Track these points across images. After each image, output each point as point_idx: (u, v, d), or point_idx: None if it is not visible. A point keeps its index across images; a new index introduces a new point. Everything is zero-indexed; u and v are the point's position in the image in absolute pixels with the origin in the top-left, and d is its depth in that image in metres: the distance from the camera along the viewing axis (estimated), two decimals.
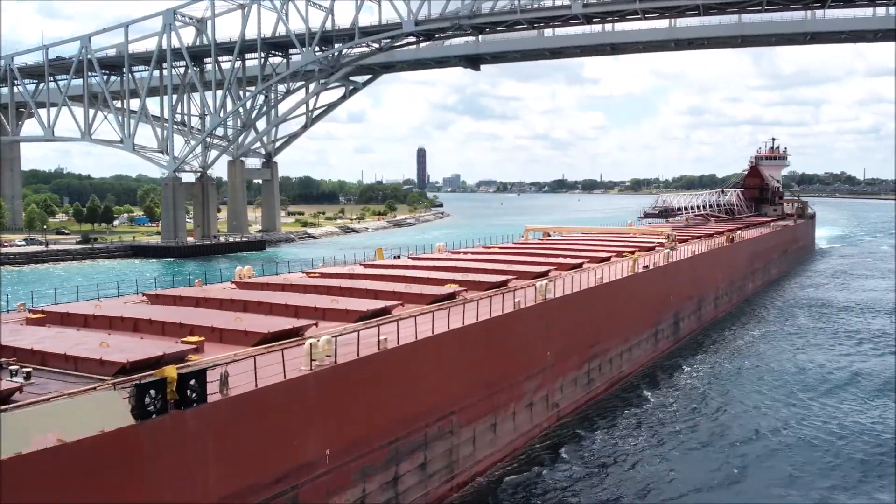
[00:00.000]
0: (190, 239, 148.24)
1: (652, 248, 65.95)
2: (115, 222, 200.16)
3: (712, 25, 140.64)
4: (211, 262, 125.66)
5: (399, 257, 58.04)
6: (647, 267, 52.61)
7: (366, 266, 50.15)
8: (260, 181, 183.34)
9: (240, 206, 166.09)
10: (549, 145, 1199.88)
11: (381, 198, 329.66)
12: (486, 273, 45.06)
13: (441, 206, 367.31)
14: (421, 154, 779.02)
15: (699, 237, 79.13)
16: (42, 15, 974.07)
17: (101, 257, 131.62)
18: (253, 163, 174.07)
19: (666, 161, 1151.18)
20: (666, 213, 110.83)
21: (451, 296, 37.27)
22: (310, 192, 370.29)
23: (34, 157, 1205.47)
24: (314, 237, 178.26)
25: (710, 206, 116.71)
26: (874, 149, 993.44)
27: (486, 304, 33.57)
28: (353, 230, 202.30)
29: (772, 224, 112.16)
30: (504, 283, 42.03)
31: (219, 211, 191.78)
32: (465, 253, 59.51)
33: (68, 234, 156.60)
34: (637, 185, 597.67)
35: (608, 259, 56.61)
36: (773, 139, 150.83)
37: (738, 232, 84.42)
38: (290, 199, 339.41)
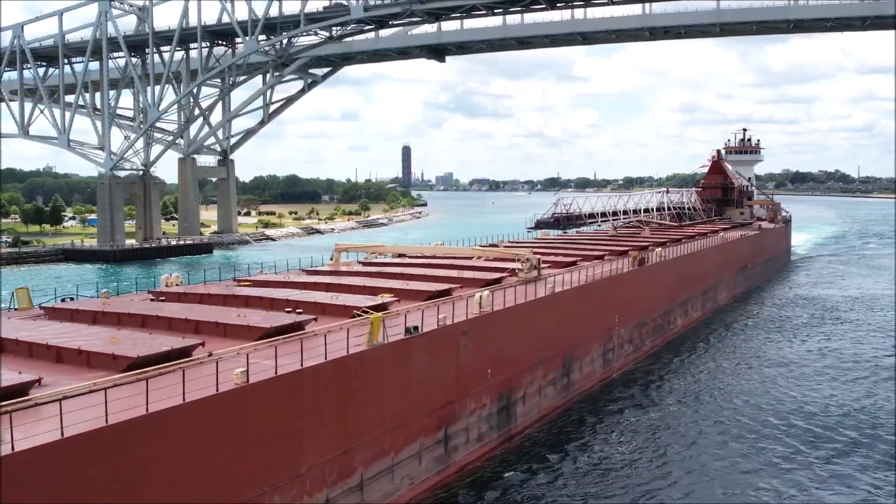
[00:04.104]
0: (130, 241, 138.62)
1: (497, 282, 42.61)
2: (69, 223, 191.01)
3: (689, 13, 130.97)
4: (151, 267, 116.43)
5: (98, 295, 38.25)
6: (414, 330, 29.28)
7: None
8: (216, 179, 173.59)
9: (191, 206, 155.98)
10: (543, 143, 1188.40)
11: (362, 196, 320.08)
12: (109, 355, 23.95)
13: (425, 204, 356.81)
14: (406, 152, 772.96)
15: (599, 257, 56.98)
16: (27, 13, 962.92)
17: (28, 262, 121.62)
18: (208, 160, 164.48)
19: (661, 158, 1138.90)
20: (568, 221, 79.82)
21: None
22: (293, 191, 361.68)
23: (29, 156, 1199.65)
24: (272, 239, 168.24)
25: (648, 209, 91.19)
26: (868, 146, 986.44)
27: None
28: (318, 231, 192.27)
29: (723, 233, 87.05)
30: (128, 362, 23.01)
31: (175, 211, 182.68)
32: (203, 290, 38.21)
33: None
34: (630, 184, 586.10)
35: (383, 308, 32.96)
36: (745, 130, 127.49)
37: (658, 249, 61.11)
38: (272, 197, 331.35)
